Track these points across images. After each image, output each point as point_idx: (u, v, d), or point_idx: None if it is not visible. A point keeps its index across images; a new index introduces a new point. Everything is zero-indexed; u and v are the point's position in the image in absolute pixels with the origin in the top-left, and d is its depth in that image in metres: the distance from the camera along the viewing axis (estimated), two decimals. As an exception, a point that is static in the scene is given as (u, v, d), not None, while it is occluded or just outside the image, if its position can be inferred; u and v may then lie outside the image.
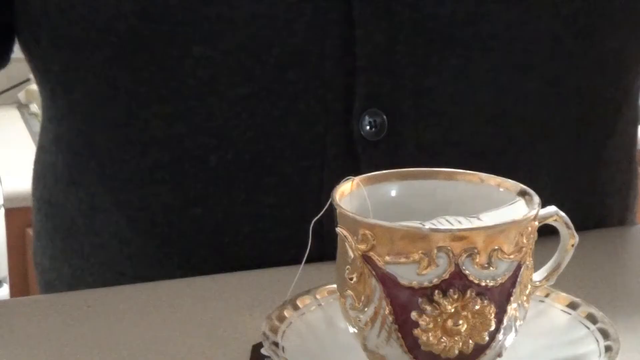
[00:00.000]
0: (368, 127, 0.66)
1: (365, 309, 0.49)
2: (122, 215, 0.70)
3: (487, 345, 0.48)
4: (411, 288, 0.47)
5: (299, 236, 0.56)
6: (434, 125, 0.67)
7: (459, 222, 0.52)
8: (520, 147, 0.69)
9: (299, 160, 0.67)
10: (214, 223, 0.68)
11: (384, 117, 0.66)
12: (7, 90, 2.21)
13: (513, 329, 0.49)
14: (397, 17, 0.65)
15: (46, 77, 0.72)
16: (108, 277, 0.73)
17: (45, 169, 0.77)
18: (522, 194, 0.51)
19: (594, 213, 0.75)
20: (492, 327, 0.48)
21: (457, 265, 0.47)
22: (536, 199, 0.50)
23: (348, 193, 0.52)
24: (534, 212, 0.49)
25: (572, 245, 0.52)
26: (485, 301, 0.47)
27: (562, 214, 0.51)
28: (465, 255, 0.47)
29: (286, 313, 0.54)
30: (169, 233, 0.69)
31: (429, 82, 0.66)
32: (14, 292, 1.86)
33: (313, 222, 0.52)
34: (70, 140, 0.73)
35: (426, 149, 0.67)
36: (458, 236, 0.46)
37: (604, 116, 0.73)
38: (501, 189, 0.52)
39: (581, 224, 0.57)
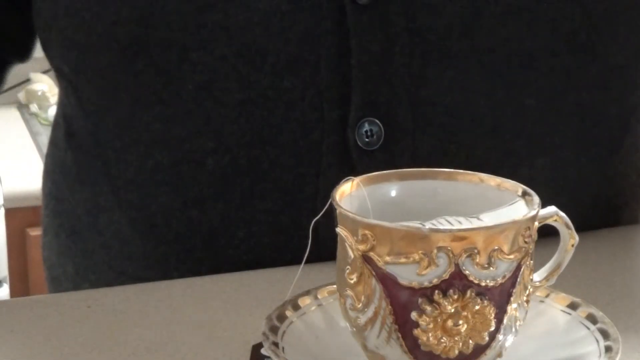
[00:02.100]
0: (365, 136, 0.66)
1: (365, 309, 0.49)
2: (123, 215, 0.71)
3: (487, 346, 0.48)
4: (411, 288, 0.47)
5: (293, 242, 0.56)
6: (431, 136, 0.67)
7: (459, 222, 0.52)
8: (518, 161, 0.69)
9: (295, 167, 0.67)
10: (210, 226, 0.68)
11: (381, 126, 0.66)
12: (7, 90, 2.21)
13: (513, 329, 0.49)
14: (393, 27, 0.65)
15: (60, 76, 0.74)
16: (110, 275, 0.73)
17: (54, 165, 0.78)
18: (522, 194, 0.51)
19: (599, 228, 0.75)
20: (492, 327, 0.48)
21: (457, 265, 0.47)
22: (536, 199, 0.50)
23: (348, 193, 0.52)
24: (534, 213, 0.49)
25: (572, 246, 0.52)
26: (485, 301, 0.47)
27: (562, 214, 0.51)
28: (465, 256, 0.47)
29: (286, 313, 0.54)
30: (167, 234, 0.70)
31: (425, 92, 0.66)
32: (14, 292, 1.86)
33: (313, 222, 0.52)
34: (80, 138, 0.73)
35: (422, 159, 0.66)
36: (458, 236, 0.46)
37: (609, 133, 0.72)
38: (501, 189, 0.52)
39: None
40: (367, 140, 0.66)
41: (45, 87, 2.10)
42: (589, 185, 0.73)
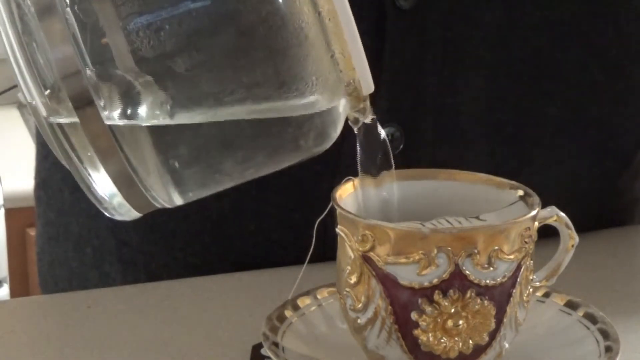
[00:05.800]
0: None
1: (365, 310, 0.48)
2: None
3: (487, 346, 0.48)
4: (411, 288, 0.47)
5: (303, 239, 0.56)
6: (450, 144, 0.67)
7: (459, 222, 0.52)
8: (533, 170, 0.69)
9: (312, 165, 0.66)
10: (221, 213, 0.68)
11: (402, 133, 0.66)
12: (7, 90, 2.21)
13: (513, 329, 0.49)
14: (429, 35, 0.65)
15: None
16: (112, 244, 0.72)
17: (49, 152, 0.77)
18: (522, 194, 0.51)
19: None
20: (492, 328, 0.48)
21: (457, 265, 0.47)
22: (536, 199, 0.50)
23: (348, 194, 0.52)
24: (534, 213, 0.49)
25: (572, 246, 0.52)
26: (485, 301, 0.47)
27: (562, 214, 0.51)
28: (465, 256, 0.47)
29: (286, 313, 0.54)
30: (176, 212, 0.69)
31: (451, 100, 0.66)
32: (14, 292, 1.86)
33: (317, 222, 0.52)
34: None
35: (439, 166, 0.67)
36: (458, 236, 0.46)
37: (623, 147, 0.73)
38: (501, 189, 0.52)
39: None
40: None
41: (45, 87, 2.10)
42: (599, 197, 0.73)
